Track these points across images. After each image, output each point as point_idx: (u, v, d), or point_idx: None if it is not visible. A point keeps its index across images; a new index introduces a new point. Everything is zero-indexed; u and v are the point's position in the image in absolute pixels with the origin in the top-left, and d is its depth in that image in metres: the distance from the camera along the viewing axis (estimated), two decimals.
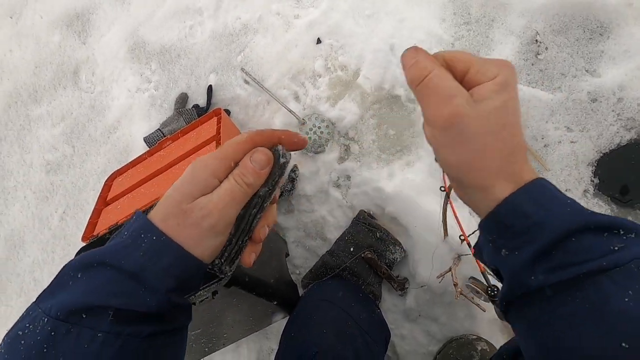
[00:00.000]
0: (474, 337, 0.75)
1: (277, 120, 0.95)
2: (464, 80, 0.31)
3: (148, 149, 1.03)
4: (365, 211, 0.86)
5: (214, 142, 0.84)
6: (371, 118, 0.89)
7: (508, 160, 0.30)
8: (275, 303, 0.71)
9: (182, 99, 1.06)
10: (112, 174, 0.99)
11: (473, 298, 0.66)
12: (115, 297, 0.29)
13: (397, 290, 0.82)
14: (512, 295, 0.31)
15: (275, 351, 0.93)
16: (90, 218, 0.89)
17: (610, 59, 0.76)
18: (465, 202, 0.35)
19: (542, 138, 0.79)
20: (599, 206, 0.76)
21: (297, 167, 0.92)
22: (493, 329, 0.76)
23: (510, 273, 0.30)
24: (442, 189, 0.66)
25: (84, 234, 0.85)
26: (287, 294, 0.77)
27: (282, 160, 0.34)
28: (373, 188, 0.85)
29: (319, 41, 0.95)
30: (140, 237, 0.31)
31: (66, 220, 1.17)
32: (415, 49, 0.32)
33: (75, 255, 0.75)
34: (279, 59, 0.98)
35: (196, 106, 1.04)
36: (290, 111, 0.93)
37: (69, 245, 1.16)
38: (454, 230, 0.74)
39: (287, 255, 0.91)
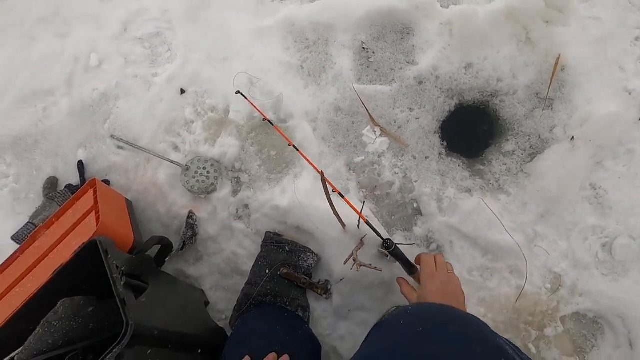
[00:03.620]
0: (394, 307, 0.81)
1: (162, 174, 0.93)
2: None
3: (19, 246, 0.91)
4: (270, 232, 0.88)
5: (93, 213, 0.79)
6: (251, 146, 0.94)
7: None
8: (199, 351, 0.67)
9: (52, 183, 0.98)
10: None
11: (370, 264, 0.73)
12: None
13: (322, 295, 0.84)
14: None
15: None
16: None
17: (420, 49, 0.95)
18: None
19: (395, 122, 0.93)
20: (454, 162, 0.90)
21: (193, 213, 0.90)
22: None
23: None
24: (334, 192, 0.71)
25: None
26: (213, 341, 0.74)
27: None
28: (270, 207, 0.88)
29: (182, 91, 0.99)
30: None
31: None
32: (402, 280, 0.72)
33: None
34: (147, 117, 0.98)
35: (69, 186, 0.97)
36: (172, 161, 0.93)
37: None
38: (350, 220, 0.80)
39: (207, 303, 0.87)
